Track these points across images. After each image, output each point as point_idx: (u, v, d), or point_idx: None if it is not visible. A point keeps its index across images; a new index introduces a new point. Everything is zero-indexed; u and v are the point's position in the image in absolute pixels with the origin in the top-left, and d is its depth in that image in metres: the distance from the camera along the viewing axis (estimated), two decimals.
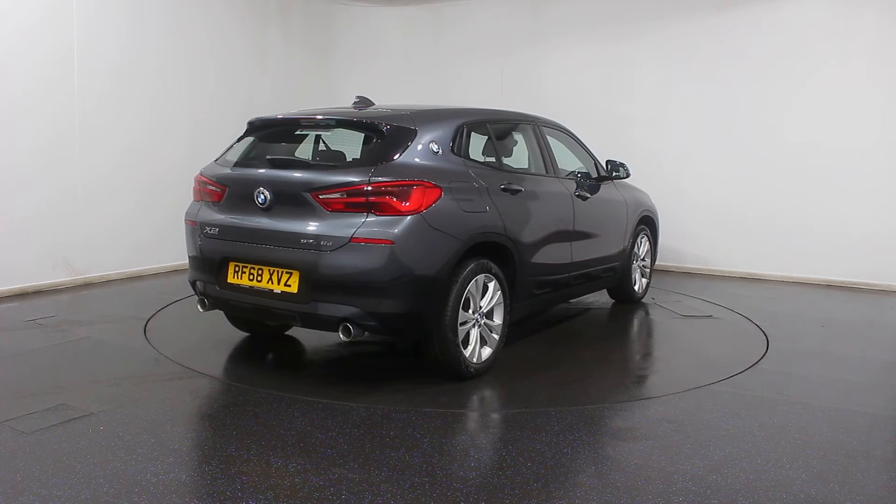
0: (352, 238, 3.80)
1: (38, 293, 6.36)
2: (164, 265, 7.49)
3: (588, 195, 5.52)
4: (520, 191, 4.66)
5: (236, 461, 3.10)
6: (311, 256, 3.88)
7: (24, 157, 6.29)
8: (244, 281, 4.18)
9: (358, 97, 4.93)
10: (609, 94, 8.57)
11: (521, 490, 2.88)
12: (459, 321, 4.11)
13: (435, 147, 4.22)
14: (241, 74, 8.44)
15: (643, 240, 6.57)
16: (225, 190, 4.34)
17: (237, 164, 4.44)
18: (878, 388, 4.41)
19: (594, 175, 5.85)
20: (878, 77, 7.29)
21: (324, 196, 3.91)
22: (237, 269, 4.23)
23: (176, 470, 3.03)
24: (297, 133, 4.68)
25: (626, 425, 3.68)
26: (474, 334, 4.27)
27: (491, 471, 3.06)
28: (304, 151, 4.63)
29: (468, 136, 4.54)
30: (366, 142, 4.29)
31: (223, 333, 5.16)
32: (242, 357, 4.84)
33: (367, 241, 3.78)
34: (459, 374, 4.18)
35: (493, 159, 4.79)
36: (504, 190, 4.52)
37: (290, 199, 4.03)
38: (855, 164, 7.45)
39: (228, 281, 4.25)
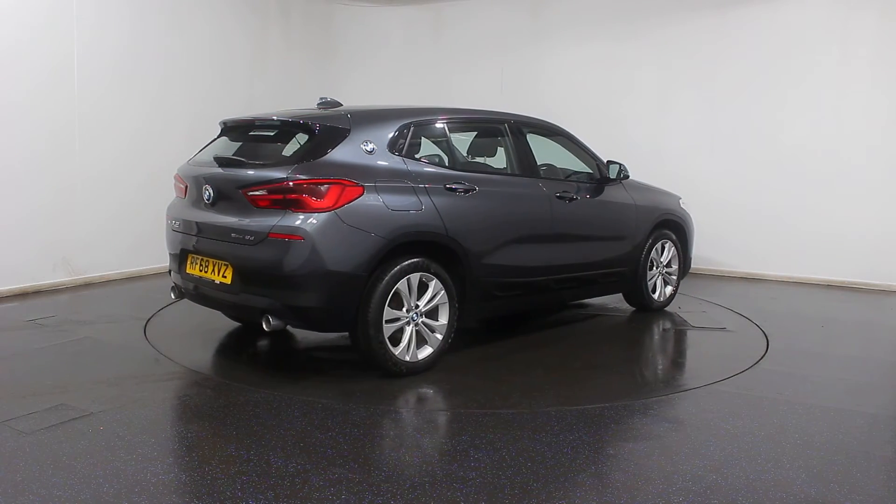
0: (269, 233, 3.98)
1: (38, 293, 6.36)
2: (164, 265, 7.37)
3: (574, 196, 5.36)
4: (472, 190, 4.62)
5: (236, 461, 3.10)
6: (239, 250, 4.12)
7: (24, 156, 6.30)
8: (196, 271, 4.48)
9: (322, 98, 4.93)
10: (609, 93, 8.56)
11: (521, 490, 2.88)
12: (388, 318, 4.14)
13: (369, 146, 4.29)
14: (241, 74, 8.44)
15: (666, 245, 6.20)
16: (186, 187, 4.64)
17: (199, 163, 4.72)
18: (878, 388, 4.41)
19: (597, 176, 5.67)
20: (879, 77, 7.29)
21: (251, 193, 4.13)
22: (193, 260, 4.52)
23: (176, 470, 3.04)
24: (251, 133, 4.80)
25: (626, 425, 3.68)
26: (409, 332, 4.27)
27: (491, 471, 3.06)
28: (276, 150, 4.63)
29: (413, 136, 4.56)
30: (302, 141, 4.42)
31: (223, 333, 5.18)
32: (243, 357, 4.85)
33: (281, 236, 3.95)
34: (387, 371, 4.21)
35: (445, 159, 4.78)
36: (450, 189, 4.51)
37: (227, 196, 4.29)
38: (855, 163, 7.44)
39: (187, 271, 4.56)
